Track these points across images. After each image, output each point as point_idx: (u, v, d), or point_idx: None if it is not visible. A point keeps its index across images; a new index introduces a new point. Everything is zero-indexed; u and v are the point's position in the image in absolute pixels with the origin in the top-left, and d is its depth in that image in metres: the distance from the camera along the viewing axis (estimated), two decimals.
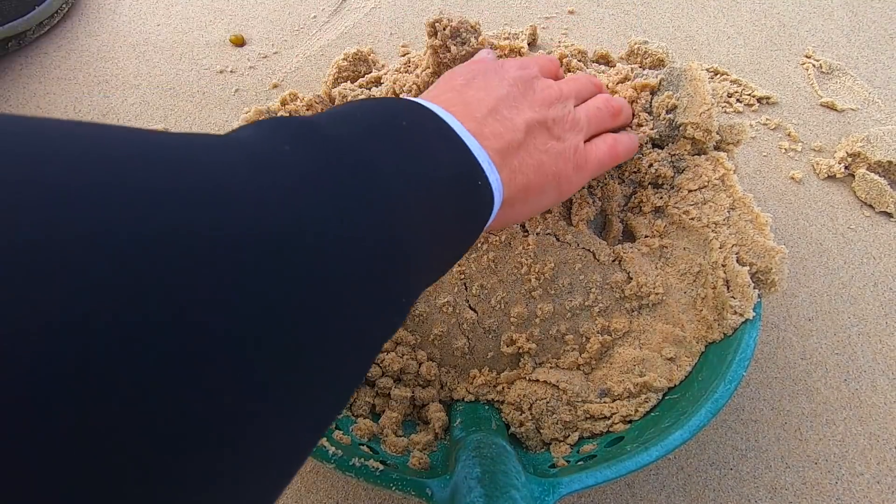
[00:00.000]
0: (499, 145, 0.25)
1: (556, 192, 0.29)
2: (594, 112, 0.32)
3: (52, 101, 0.52)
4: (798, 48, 0.55)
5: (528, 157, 0.27)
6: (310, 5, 0.60)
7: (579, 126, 0.31)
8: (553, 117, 0.29)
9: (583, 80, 0.34)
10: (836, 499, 0.34)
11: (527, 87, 0.29)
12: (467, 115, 0.25)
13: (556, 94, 0.30)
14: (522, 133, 0.27)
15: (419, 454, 0.31)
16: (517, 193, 0.26)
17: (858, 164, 0.46)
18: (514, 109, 0.28)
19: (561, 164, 0.28)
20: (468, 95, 0.27)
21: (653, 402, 0.32)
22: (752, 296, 0.31)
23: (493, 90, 0.28)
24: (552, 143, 0.28)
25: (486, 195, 0.23)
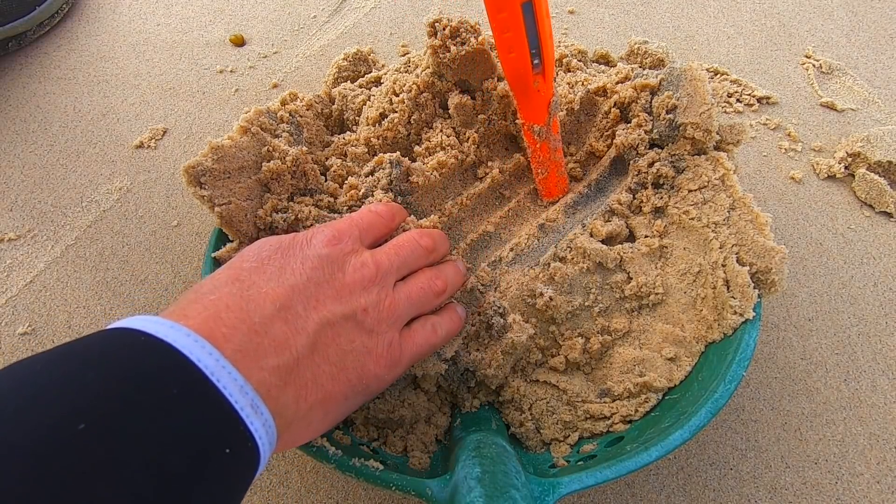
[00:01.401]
0: (281, 361, 0.21)
1: (363, 395, 0.25)
2: (417, 294, 0.28)
3: (52, 101, 0.52)
4: (798, 48, 0.55)
5: (325, 363, 0.23)
6: (310, 5, 0.60)
7: (397, 314, 0.26)
8: (364, 306, 0.25)
9: (407, 247, 0.29)
10: (836, 499, 0.34)
11: (333, 269, 0.25)
12: (242, 324, 0.21)
13: (371, 275, 0.26)
14: (317, 332, 0.23)
15: (419, 454, 0.31)
16: (310, 411, 0.22)
17: (858, 164, 0.46)
18: (312, 301, 0.23)
19: (370, 363, 0.25)
20: (253, 289, 0.22)
21: (653, 402, 0.32)
22: (752, 296, 0.31)
23: (288, 276, 0.23)
24: (361, 339, 0.24)
25: (241, 457, 0.19)
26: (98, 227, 0.45)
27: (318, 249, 0.25)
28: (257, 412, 0.19)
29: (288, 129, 0.38)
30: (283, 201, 0.35)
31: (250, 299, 0.22)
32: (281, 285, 0.23)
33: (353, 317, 0.24)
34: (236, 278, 0.23)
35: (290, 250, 0.25)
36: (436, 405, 0.34)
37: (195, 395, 0.18)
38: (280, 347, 0.21)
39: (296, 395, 0.21)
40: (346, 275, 0.25)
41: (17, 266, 0.43)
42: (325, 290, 0.24)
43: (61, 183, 0.48)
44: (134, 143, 0.50)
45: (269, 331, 0.21)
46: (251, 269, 0.24)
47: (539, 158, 0.36)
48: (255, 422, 0.19)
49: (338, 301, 0.24)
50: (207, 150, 0.33)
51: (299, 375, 0.22)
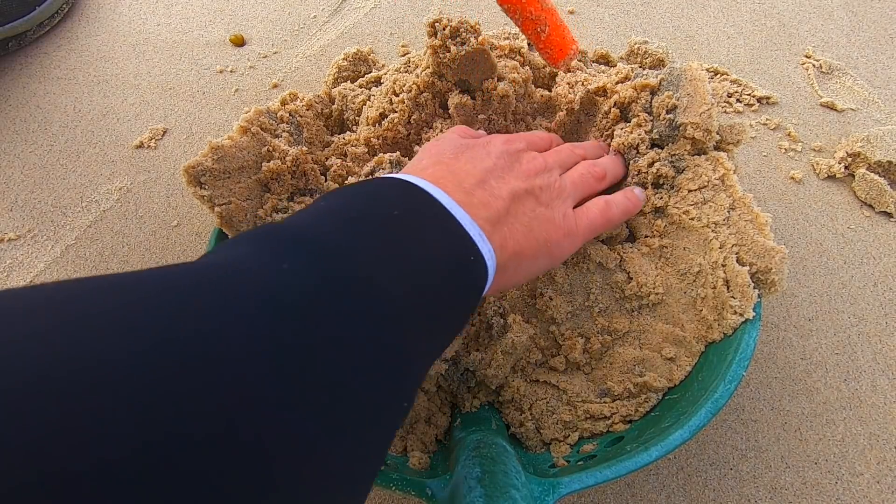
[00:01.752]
0: (488, 214, 0.26)
1: (547, 258, 0.29)
2: (578, 178, 0.33)
3: (52, 101, 0.52)
4: (798, 48, 0.55)
5: (518, 223, 0.27)
6: (310, 5, 0.60)
7: (566, 193, 0.31)
8: (539, 185, 0.30)
9: (565, 151, 0.35)
10: (836, 499, 0.34)
11: (512, 160, 0.31)
12: (457, 187, 0.26)
13: (542, 165, 0.31)
14: (509, 201, 0.28)
15: (419, 454, 0.31)
16: (509, 260, 0.26)
17: (858, 164, 0.46)
18: (501, 180, 0.29)
19: (550, 230, 0.29)
20: (457, 168, 0.28)
21: (653, 402, 0.32)
22: (752, 296, 0.31)
23: (479, 162, 0.29)
24: (540, 209, 0.29)
25: (480, 268, 0.24)
26: (98, 227, 0.45)
27: (499, 147, 0.31)
28: (483, 240, 0.25)
29: (288, 129, 0.38)
30: (283, 201, 0.35)
31: (457, 173, 0.28)
32: (476, 167, 0.29)
33: (532, 192, 0.29)
34: (440, 161, 0.29)
35: (476, 147, 0.31)
36: (436, 405, 0.34)
37: (446, 220, 0.24)
38: (486, 206, 0.26)
39: (500, 242, 0.26)
40: (522, 164, 0.31)
41: (17, 266, 0.43)
42: (509, 173, 0.30)
43: (61, 183, 0.48)
44: (134, 143, 0.50)
45: (476, 194, 0.27)
46: (451, 157, 0.29)
47: (531, 15, 0.33)
48: (483, 246, 0.25)
49: (519, 180, 0.29)
50: (207, 150, 0.33)
51: (500, 228, 0.26)
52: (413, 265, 0.21)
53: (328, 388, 0.15)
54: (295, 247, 0.18)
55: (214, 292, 0.15)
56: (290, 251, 0.18)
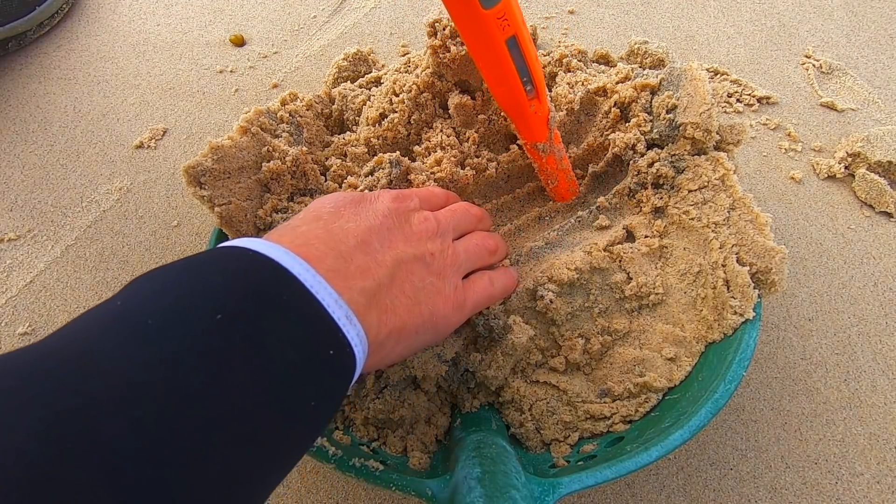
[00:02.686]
0: (365, 284, 0.23)
1: (432, 333, 0.27)
2: (473, 248, 0.31)
3: (52, 101, 0.52)
4: (798, 48, 0.55)
5: (402, 294, 0.25)
6: (310, 5, 0.60)
7: (458, 262, 0.29)
8: (431, 251, 0.27)
9: (460, 211, 0.32)
10: (836, 499, 0.34)
11: (401, 220, 0.28)
12: (329, 251, 0.23)
13: (434, 228, 0.29)
14: (394, 268, 0.25)
15: (419, 454, 0.31)
16: (388, 336, 0.24)
17: (858, 164, 0.46)
18: (387, 242, 0.26)
19: (439, 302, 0.27)
20: (334, 226, 0.25)
21: (653, 402, 0.32)
22: (752, 296, 0.31)
23: (363, 220, 0.26)
24: (430, 278, 0.27)
25: (343, 359, 0.21)
26: (98, 227, 0.45)
27: (386, 203, 0.28)
28: (351, 323, 0.22)
29: (288, 129, 0.38)
30: (283, 201, 0.35)
31: (334, 233, 0.24)
32: (359, 226, 0.26)
33: (422, 258, 0.27)
34: (318, 217, 0.26)
35: (362, 203, 0.28)
36: (436, 405, 0.34)
37: (301, 303, 0.20)
38: (364, 273, 0.23)
39: (378, 319, 0.23)
40: (412, 225, 0.28)
41: (17, 266, 0.43)
42: (396, 234, 0.27)
43: (61, 183, 0.48)
44: (134, 143, 0.50)
45: (354, 259, 0.24)
46: (330, 213, 0.26)
47: (546, 171, 0.36)
48: (351, 331, 0.21)
49: (408, 244, 0.27)
50: (207, 150, 0.33)
51: (380, 301, 0.24)
52: (235, 393, 0.17)
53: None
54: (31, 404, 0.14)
55: None
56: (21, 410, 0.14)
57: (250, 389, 0.17)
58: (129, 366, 0.16)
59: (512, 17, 0.28)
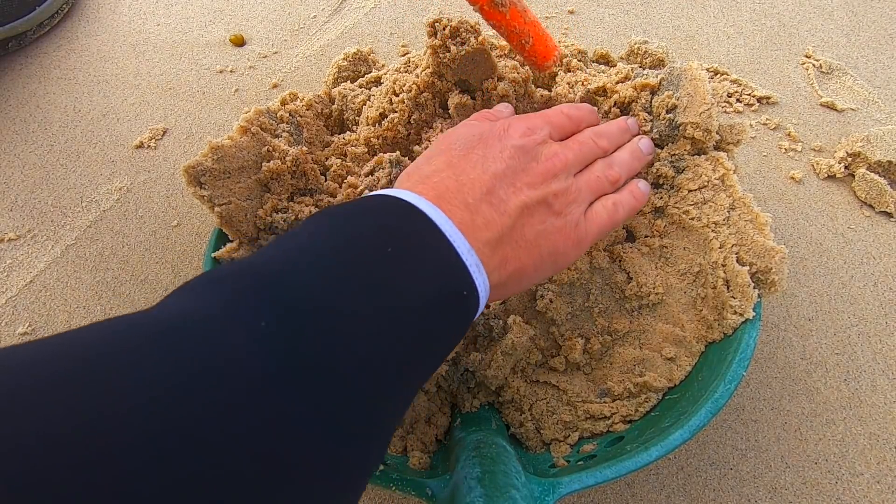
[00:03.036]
0: (490, 235, 0.25)
1: (551, 269, 0.28)
2: (594, 181, 0.31)
3: (52, 101, 0.52)
4: (798, 48, 0.55)
5: (523, 240, 0.26)
6: (310, 5, 0.60)
7: (581, 197, 0.30)
8: (555, 191, 0.28)
9: (588, 144, 0.32)
10: (836, 499, 0.34)
11: (528, 159, 0.28)
12: (460, 204, 0.25)
13: (561, 165, 0.29)
14: (517, 216, 0.26)
15: (419, 454, 0.31)
16: (509, 278, 0.26)
17: (858, 163, 0.46)
18: (512, 188, 0.27)
19: (559, 240, 0.28)
20: (463, 173, 0.27)
21: (653, 402, 0.32)
22: (752, 296, 0.31)
23: (490, 164, 0.27)
24: (551, 219, 0.28)
25: (471, 300, 0.23)
26: (98, 227, 0.45)
27: (514, 140, 0.29)
28: (479, 271, 0.24)
29: (288, 129, 0.38)
30: (283, 201, 0.35)
31: (463, 184, 0.26)
32: (485, 172, 0.27)
33: (545, 201, 0.28)
34: (449, 163, 0.27)
35: (490, 140, 0.29)
36: (436, 405, 0.34)
37: (445, 250, 0.23)
38: (488, 226, 0.25)
39: (499, 264, 0.25)
40: (538, 164, 0.29)
41: (17, 266, 0.43)
42: (522, 177, 0.28)
43: (61, 183, 0.48)
44: (134, 143, 0.50)
45: (480, 211, 0.25)
46: (460, 155, 0.28)
47: (515, 29, 0.34)
48: (479, 278, 0.24)
49: (533, 187, 0.28)
50: (207, 150, 0.33)
51: (502, 249, 0.25)
52: (397, 312, 0.20)
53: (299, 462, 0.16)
54: (262, 298, 0.17)
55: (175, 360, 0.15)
56: (257, 304, 0.17)
57: (410, 317, 0.20)
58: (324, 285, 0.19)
59: None
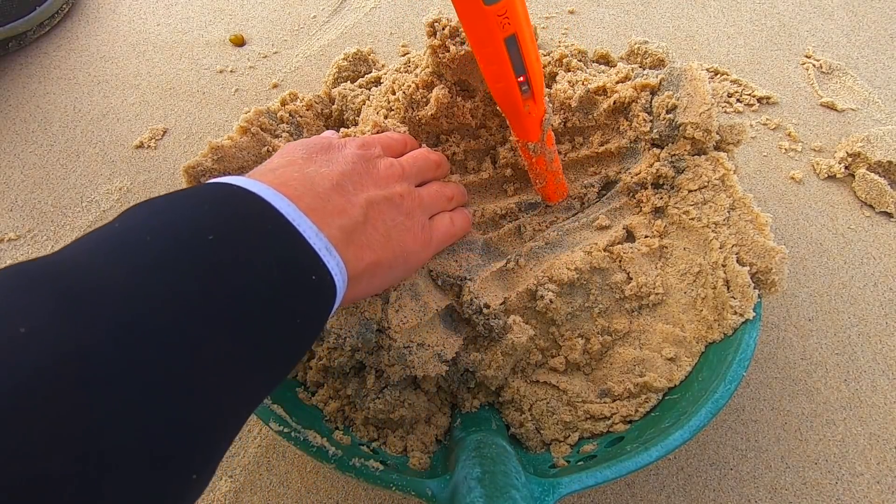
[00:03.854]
0: (342, 221, 0.25)
1: (403, 268, 0.29)
2: (434, 194, 0.33)
3: (52, 101, 0.52)
4: (798, 48, 0.55)
5: (375, 232, 0.27)
6: (310, 5, 0.60)
7: (424, 204, 0.31)
8: (399, 192, 0.29)
9: (420, 159, 0.34)
10: (836, 499, 0.34)
11: (369, 166, 0.29)
12: (307, 192, 0.24)
13: (399, 173, 0.31)
14: (367, 208, 0.27)
15: (419, 454, 0.31)
16: (364, 270, 0.26)
17: (858, 164, 0.46)
18: (359, 185, 0.28)
19: (409, 239, 0.29)
20: (309, 170, 0.26)
21: (653, 403, 0.32)
22: (752, 296, 0.31)
23: (335, 165, 0.28)
24: (400, 217, 0.29)
25: (324, 286, 0.23)
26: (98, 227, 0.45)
27: (353, 150, 0.30)
28: (330, 254, 0.23)
29: (288, 129, 0.38)
30: None
31: (310, 175, 0.26)
32: (332, 171, 0.27)
33: (391, 200, 0.29)
34: (292, 162, 0.27)
35: (331, 149, 0.29)
36: (436, 405, 0.34)
37: (285, 233, 0.22)
38: (341, 213, 0.25)
39: (355, 253, 0.25)
40: (379, 171, 0.30)
41: None
42: (366, 179, 0.28)
43: (61, 183, 0.48)
44: (134, 143, 0.50)
45: (330, 199, 0.25)
46: (303, 158, 0.27)
47: (536, 171, 0.36)
48: (330, 261, 0.23)
49: (378, 187, 0.29)
50: (207, 150, 0.33)
51: (357, 238, 0.25)
52: (226, 304, 0.18)
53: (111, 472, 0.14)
54: (46, 300, 0.15)
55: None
56: (40, 305, 0.15)
57: (243, 299, 0.19)
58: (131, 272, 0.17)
59: (514, 15, 0.28)
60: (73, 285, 0.16)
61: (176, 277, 0.18)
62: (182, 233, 0.19)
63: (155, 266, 0.17)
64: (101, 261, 0.17)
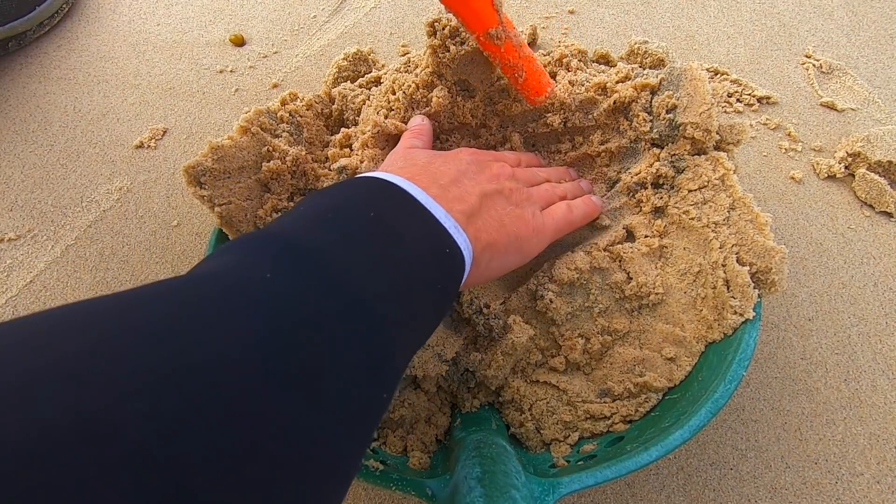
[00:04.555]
0: (463, 207, 0.28)
1: (518, 254, 0.31)
2: (543, 191, 0.35)
3: (52, 101, 0.52)
4: (798, 48, 0.55)
5: (490, 218, 0.29)
6: (310, 5, 0.60)
7: (534, 199, 0.34)
8: (509, 188, 0.32)
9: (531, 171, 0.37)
10: (836, 499, 0.34)
11: (482, 166, 0.33)
12: (432, 183, 0.28)
13: (510, 172, 0.34)
14: (482, 198, 0.30)
15: (419, 454, 0.31)
16: (483, 252, 0.28)
17: (858, 163, 0.46)
18: (473, 180, 0.31)
19: (521, 226, 0.31)
20: (431, 168, 0.30)
21: (653, 402, 0.32)
22: (752, 296, 0.31)
23: (452, 166, 0.31)
24: (510, 208, 0.31)
25: (457, 259, 0.26)
26: (98, 227, 0.45)
27: (468, 155, 0.33)
28: (458, 231, 0.26)
29: (288, 129, 0.38)
30: (283, 201, 0.35)
31: (432, 172, 0.29)
32: (449, 169, 0.30)
33: (502, 192, 0.31)
34: (414, 163, 0.31)
35: (446, 155, 0.33)
36: (436, 405, 0.34)
37: (422, 214, 0.25)
38: (460, 200, 0.28)
39: (475, 234, 0.28)
40: (492, 169, 0.33)
41: (17, 266, 0.43)
42: (480, 175, 0.32)
43: (61, 183, 0.48)
44: (134, 143, 0.50)
45: (450, 189, 0.29)
46: (424, 161, 0.31)
47: (510, 62, 0.35)
48: (459, 237, 0.26)
49: (490, 182, 0.32)
50: (207, 150, 0.33)
51: (475, 220, 0.28)
52: (392, 264, 0.22)
53: (321, 388, 0.17)
54: (280, 254, 0.20)
55: (213, 307, 0.16)
56: (276, 258, 0.19)
57: (402, 265, 0.22)
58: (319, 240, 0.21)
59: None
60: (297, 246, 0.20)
61: (353, 245, 0.22)
62: (352, 212, 0.23)
63: (338, 236, 0.22)
64: (307, 232, 0.22)
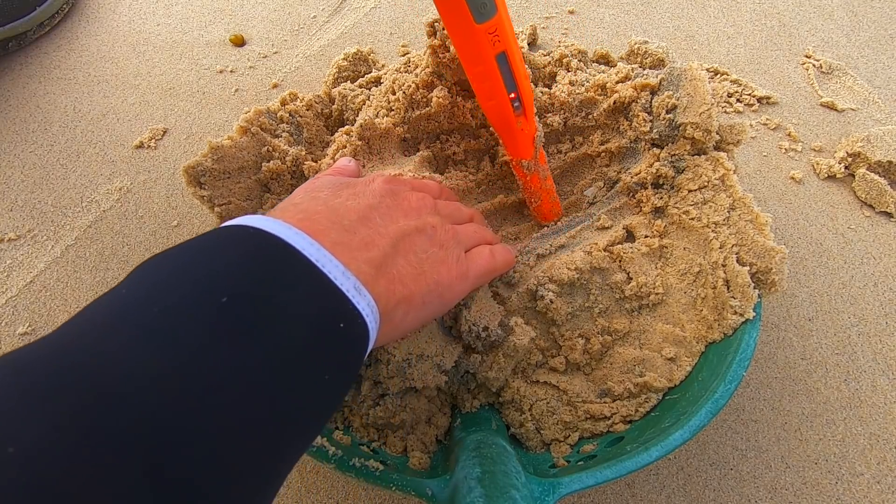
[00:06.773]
0: (371, 255, 0.23)
1: (438, 303, 0.26)
2: (470, 230, 0.31)
3: (52, 101, 0.52)
4: (798, 48, 0.55)
5: (407, 265, 0.25)
6: (310, 5, 0.60)
7: (459, 238, 0.29)
8: (432, 224, 0.27)
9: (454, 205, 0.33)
10: (836, 499, 0.34)
11: (398, 198, 0.28)
12: (333, 226, 0.23)
13: (431, 205, 0.29)
14: (397, 239, 0.25)
15: (419, 454, 0.31)
16: (397, 306, 0.24)
17: (858, 164, 0.46)
18: (388, 217, 0.26)
19: (443, 272, 0.26)
20: (335, 202, 0.25)
21: (653, 402, 0.32)
22: (752, 296, 0.31)
23: (362, 199, 0.26)
24: (433, 248, 0.27)
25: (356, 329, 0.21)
26: (98, 227, 0.45)
27: (381, 185, 0.28)
28: (360, 293, 0.21)
29: (288, 129, 0.38)
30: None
31: (335, 208, 0.24)
32: (358, 203, 0.25)
33: (423, 230, 0.27)
34: (316, 196, 0.26)
35: (356, 185, 0.28)
36: (436, 406, 0.34)
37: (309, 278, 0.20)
38: (368, 245, 0.23)
39: (386, 287, 0.23)
40: (410, 202, 0.28)
41: (17, 266, 0.43)
42: (396, 210, 0.27)
43: (61, 183, 0.47)
44: (134, 143, 0.50)
45: (357, 231, 0.24)
46: (328, 192, 0.26)
47: (531, 189, 0.36)
48: (360, 301, 0.21)
49: (408, 218, 0.27)
50: (207, 150, 0.33)
51: (387, 270, 0.24)
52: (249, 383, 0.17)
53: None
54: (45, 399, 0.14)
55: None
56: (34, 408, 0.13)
57: (263, 371, 0.17)
58: (140, 359, 0.16)
59: (503, 33, 0.29)
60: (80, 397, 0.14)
61: (189, 361, 0.16)
62: (195, 300, 0.17)
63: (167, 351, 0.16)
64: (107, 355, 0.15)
